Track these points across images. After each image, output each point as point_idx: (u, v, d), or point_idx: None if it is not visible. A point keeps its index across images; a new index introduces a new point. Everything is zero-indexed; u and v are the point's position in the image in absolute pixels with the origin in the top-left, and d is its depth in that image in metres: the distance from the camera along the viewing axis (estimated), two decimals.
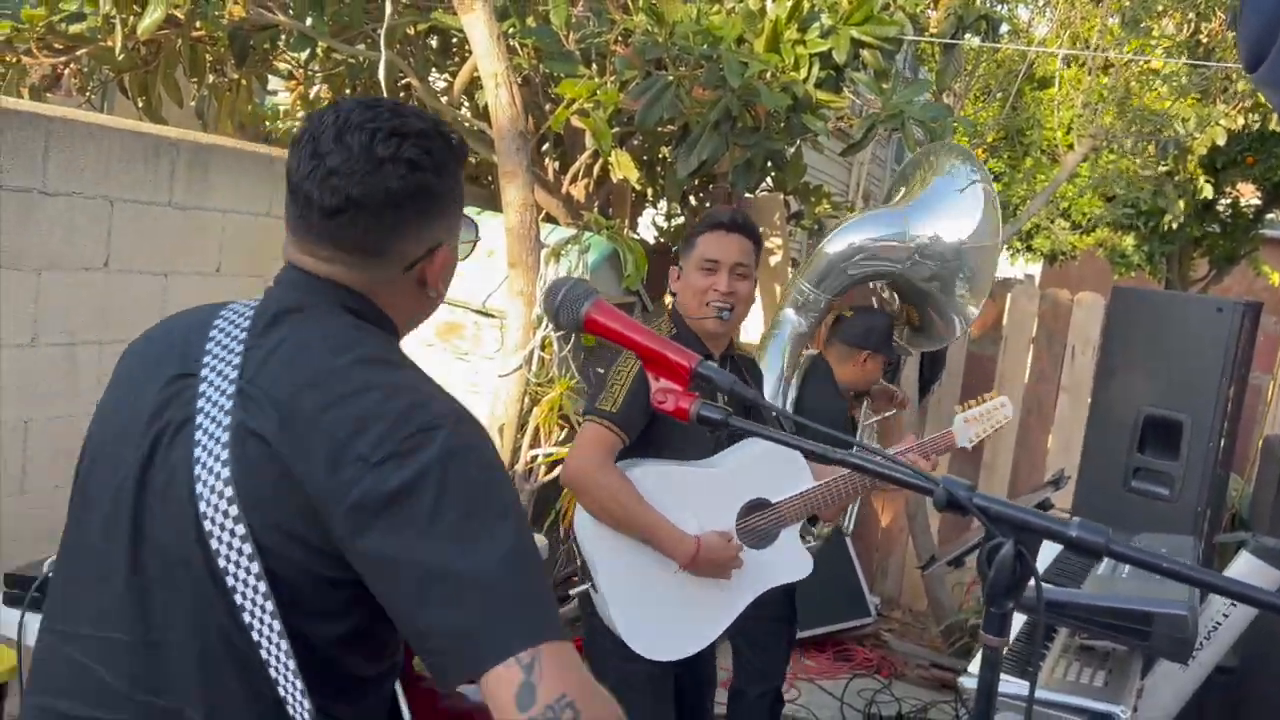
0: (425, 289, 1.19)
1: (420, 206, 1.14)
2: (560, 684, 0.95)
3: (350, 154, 1.10)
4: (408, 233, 1.14)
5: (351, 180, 1.10)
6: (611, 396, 2.20)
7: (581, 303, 1.16)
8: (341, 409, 1.04)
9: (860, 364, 3.26)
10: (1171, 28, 5.20)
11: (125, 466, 1.13)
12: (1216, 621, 2.41)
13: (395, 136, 1.11)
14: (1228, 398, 3.22)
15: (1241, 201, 8.59)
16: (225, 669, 1.06)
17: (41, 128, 2.88)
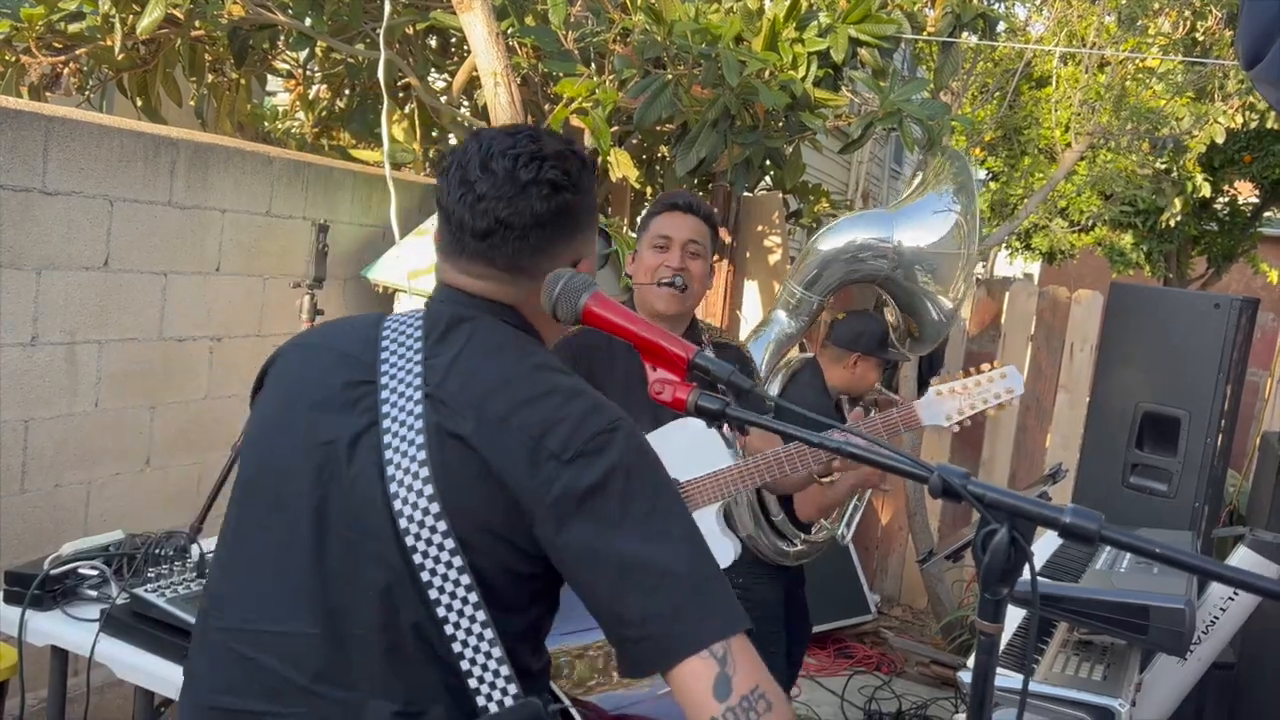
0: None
1: (563, 224, 1.22)
2: (754, 676, 1.00)
3: (496, 179, 1.20)
4: (553, 250, 1.23)
5: (500, 204, 1.19)
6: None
7: (580, 294, 1.16)
8: (530, 410, 1.11)
9: (850, 367, 3.22)
10: (1168, 26, 5.21)
11: (302, 468, 1.17)
12: (1214, 616, 2.42)
13: (536, 160, 1.20)
14: (1225, 394, 3.23)
15: (1239, 200, 8.60)
16: (416, 661, 1.11)
17: (41, 127, 2.89)
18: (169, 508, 3.38)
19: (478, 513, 1.09)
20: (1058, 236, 7.39)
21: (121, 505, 3.25)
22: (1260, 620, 2.53)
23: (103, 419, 3.16)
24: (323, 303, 3.26)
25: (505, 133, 1.23)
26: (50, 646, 2.09)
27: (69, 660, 2.17)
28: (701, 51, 3.47)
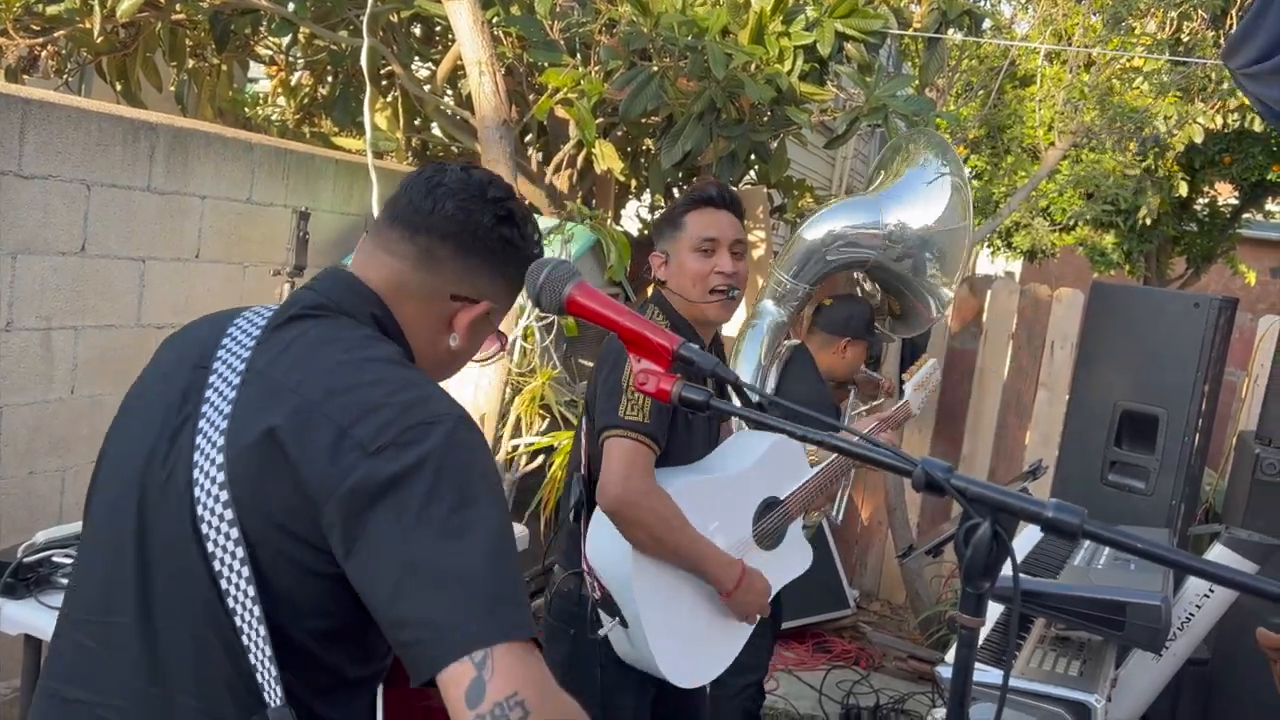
0: (450, 330, 1.24)
1: (490, 255, 1.24)
2: (512, 682, 0.94)
3: (467, 182, 1.24)
4: (473, 265, 1.23)
5: (454, 198, 1.22)
6: (636, 404, 1.94)
7: (564, 284, 1.15)
8: (349, 397, 1.06)
9: (840, 351, 3.24)
10: (1153, 26, 5.25)
11: (135, 458, 1.15)
12: (1189, 613, 2.44)
13: (508, 194, 1.25)
14: (1203, 393, 3.26)
15: (1219, 201, 8.68)
16: (215, 655, 1.07)
17: (18, 109, 2.84)
18: None
19: (266, 503, 1.05)
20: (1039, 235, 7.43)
21: None
22: (1234, 617, 2.56)
23: (79, 406, 3.12)
24: None
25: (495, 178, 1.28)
26: (23, 635, 2.07)
27: (43, 649, 2.14)
28: (688, 44, 3.46)
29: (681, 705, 2.24)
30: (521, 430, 3.57)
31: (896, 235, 3.48)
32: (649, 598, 1.98)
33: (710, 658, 2.12)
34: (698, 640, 2.09)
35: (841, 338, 3.24)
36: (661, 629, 2.00)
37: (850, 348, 3.24)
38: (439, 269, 1.22)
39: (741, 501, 2.18)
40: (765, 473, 2.21)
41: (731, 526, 2.13)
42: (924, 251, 3.49)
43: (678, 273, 2.16)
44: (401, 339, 1.21)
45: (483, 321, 1.26)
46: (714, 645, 2.14)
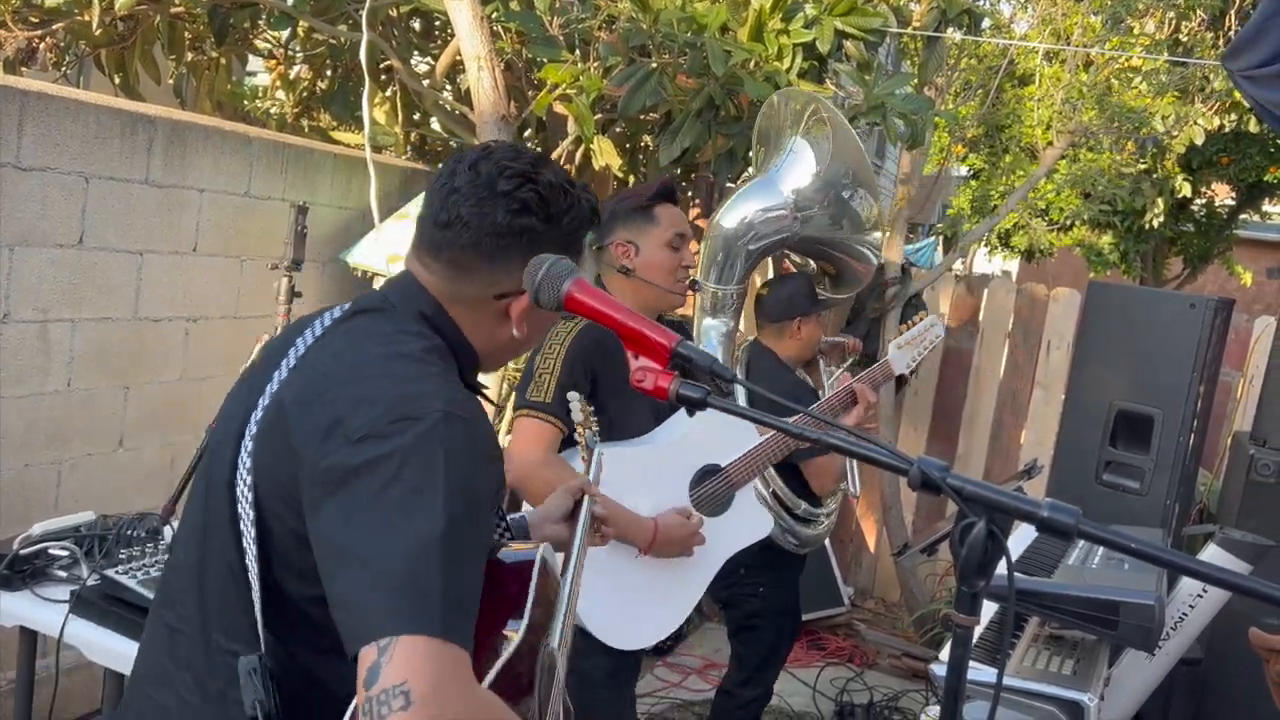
0: (508, 323, 1.28)
1: (519, 245, 1.24)
2: (403, 672, 0.94)
3: (476, 179, 1.24)
4: (502, 264, 1.25)
5: (468, 201, 1.23)
6: (541, 386, 2.10)
7: (563, 280, 1.16)
8: (351, 388, 1.12)
9: (795, 334, 3.14)
10: (1152, 26, 5.25)
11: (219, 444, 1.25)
12: (1183, 613, 2.45)
13: (519, 178, 1.23)
14: (1199, 394, 3.27)
15: (1216, 201, 8.70)
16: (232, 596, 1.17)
17: (16, 101, 2.84)
18: (141, 489, 3.35)
19: (271, 465, 1.14)
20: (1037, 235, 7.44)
21: (93, 486, 3.21)
22: (1227, 617, 2.57)
23: (75, 399, 3.12)
24: (301, 286, 3.23)
25: (514, 150, 1.27)
26: (19, 627, 2.07)
27: (38, 642, 2.14)
28: (687, 40, 3.45)
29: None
30: None
31: (801, 202, 3.38)
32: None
33: (648, 619, 2.23)
34: (628, 602, 2.19)
35: (790, 320, 3.13)
36: (588, 592, 2.08)
37: (803, 325, 3.14)
38: (472, 277, 1.26)
39: (676, 469, 2.29)
40: (706, 440, 2.32)
41: (662, 495, 2.23)
42: (831, 201, 3.35)
43: (648, 264, 2.27)
44: (458, 334, 1.27)
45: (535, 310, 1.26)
46: (652, 607, 2.24)
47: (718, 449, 2.36)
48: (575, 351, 2.13)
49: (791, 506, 3.00)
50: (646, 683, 3.98)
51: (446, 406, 1.10)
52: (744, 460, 2.39)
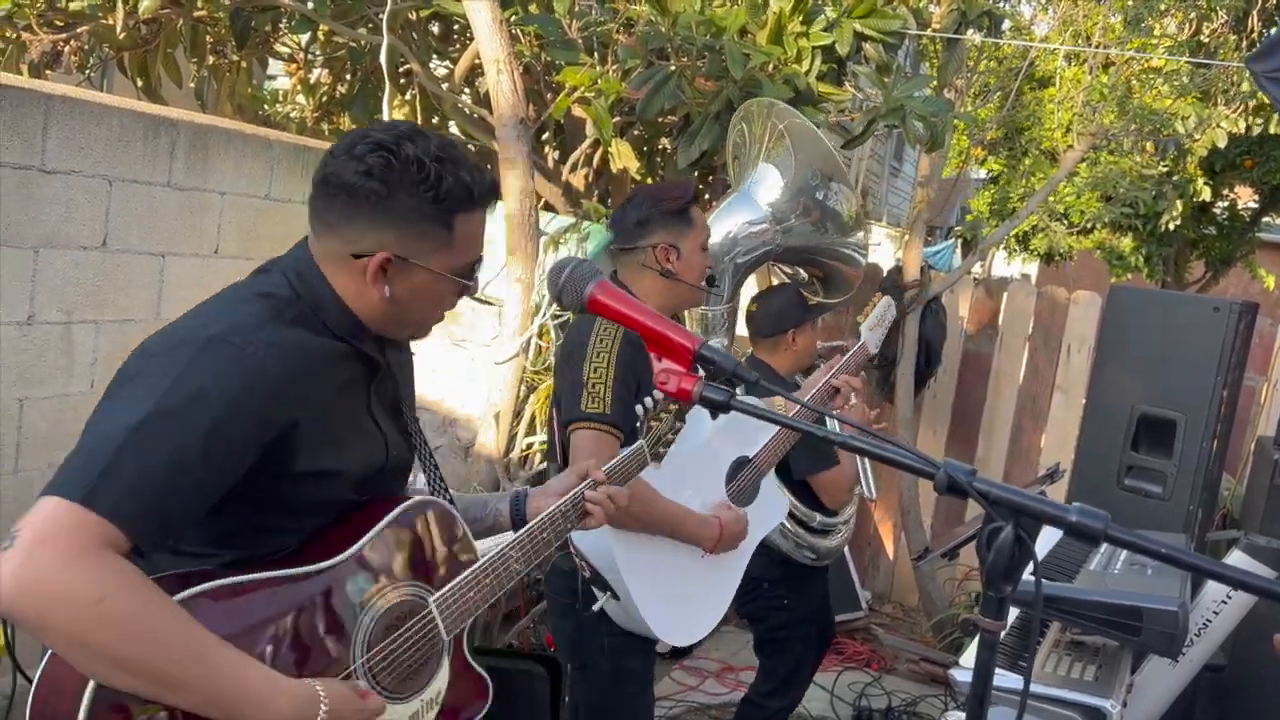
0: (373, 285, 1.34)
1: (366, 207, 1.31)
2: (27, 520, 1.06)
3: (342, 144, 1.34)
4: (354, 224, 1.32)
5: (331, 163, 1.33)
6: (597, 397, 2.08)
7: (586, 283, 1.16)
8: (180, 320, 1.29)
9: (790, 345, 3.07)
10: (1173, 27, 5.21)
11: None
12: (1206, 619, 2.43)
13: (379, 147, 1.30)
14: (1222, 398, 3.23)
15: (1239, 204, 8.61)
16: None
17: (41, 105, 2.87)
18: None
19: None
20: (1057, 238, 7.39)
21: None
22: (1251, 624, 2.54)
23: (98, 399, 3.14)
24: None
25: (400, 125, 1.36)
26: None
27: None
28: (706, 43, 3.45)
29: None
30: (536, 428, 3.57)
31: (778, 214, 3.34)
32: (634, 570, 2.11)
33: (701, 614, 2.27)
34: (686, 600, 2.23)
35: (784, 333, 3.06)
36: (650, 597, 2.13)
37: (797, 336, 3.07)
38: (331, 236, 1.35)
39: (712, 467, 2.32)
40: (731, 435, 2.35)
41: (706, 491, 2.27)
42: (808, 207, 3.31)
43: (687, 266, 2.27)
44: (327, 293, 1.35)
45: (402, 272, 1.33)
46: (703, 601, 2.28)
47: (746, 439, 2.40)
48: (624, 358, 2.10)
49: (806, 520, 3.00)
50: (664, 686, 3.97)
51: (221, 333, 1.23)
52: (769, 447, 2.43)
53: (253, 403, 1.21)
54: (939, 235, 10.77)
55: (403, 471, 1.50)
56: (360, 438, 1.39)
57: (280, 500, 1.31)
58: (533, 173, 3.56)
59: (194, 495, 1.18)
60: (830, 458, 2.88)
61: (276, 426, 1.25)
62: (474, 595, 1.44)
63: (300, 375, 1.27)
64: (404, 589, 1.39)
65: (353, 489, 1.38)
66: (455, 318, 3.80)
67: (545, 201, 3.94)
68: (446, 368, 3.79)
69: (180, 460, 1.15)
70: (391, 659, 1.37)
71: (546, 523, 1.54)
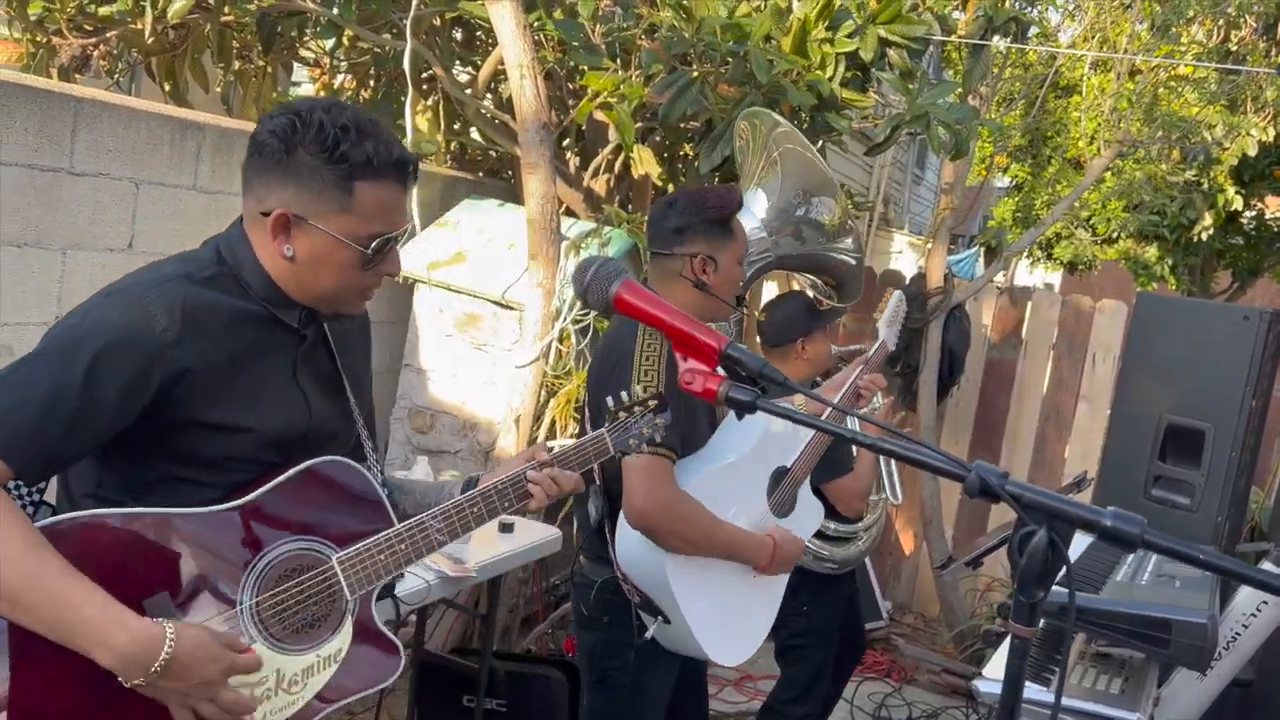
0: (274, 242, 1.41)
1: (270, 164, 1.39)
2: None
3: (270, 113, 1.43)
4: (262, 180, 1.41)
5: (255, 128, 1.43)
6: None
7: (611, 282, 1.15)
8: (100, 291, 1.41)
9: (801, 354, 3.02)
10: (1201, 35, 5.16)
11: None
12: (1235, 632, 2.39)
13: (290, 111, 1.39)
14: (1252, 408, 3.19)
15: (1266, 214, 8.51)
16: None
17: (70, 108, 2.90)
18: None
19: None
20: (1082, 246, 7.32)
21: None
22: None
23: None
24: None
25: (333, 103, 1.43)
26: None
27: None
28: (730, 49, 3.44)
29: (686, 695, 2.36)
30: (556, 433, 3.57)
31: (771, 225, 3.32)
32: (687, 594, 2.06)
33: (750, 632, 2.23)
34: (736, 620, 2.19)
35: (792, 342, 3.02)
36: (702, 619, 2.09)
37: (807, 344, 3.02)
38: (250, 192, 1.43)
39: (754, 480, 2.26)
40: (769, 446, 2.30)
41: (749, 506, 2.22)
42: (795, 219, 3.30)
43: (724, 278, 2.18)
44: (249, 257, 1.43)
45: (300, 230, 1.40)
46: (752, 620, 2.24)
47: (783, 449, 2.34)
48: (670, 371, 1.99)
49: (821, 529, 2.96)
50: None
51: (121, 286, 1.36)
52: (805, 455, 2.37)
53: (138, 345, 1.30)
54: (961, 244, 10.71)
55: (331, 442, 1.54)
56: (276, 400, 1.45)
57: (193, 452, 1.38)
58: (554, 178, 3.56)
59: (74, 426, 1.26)
60: (843, 464, 2.82)
61: (164, 372, 1.32)
62: (384, 559, 1.47)
63: (194, 326, 1.35)
64: (304, 542, 1.43)
65: (270, 449, 1.44)
66: (476, 322, 3.80)
67: (566, 207, 3.94)
68: (467, 372, 3.80)
69: (58, 391, 1.25)
70: (282, 607, 1.40)
71: (478, 497, 1.55)
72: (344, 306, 1.49)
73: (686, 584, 2.06)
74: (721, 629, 2.13)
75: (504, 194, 4.36)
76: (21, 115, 2.77)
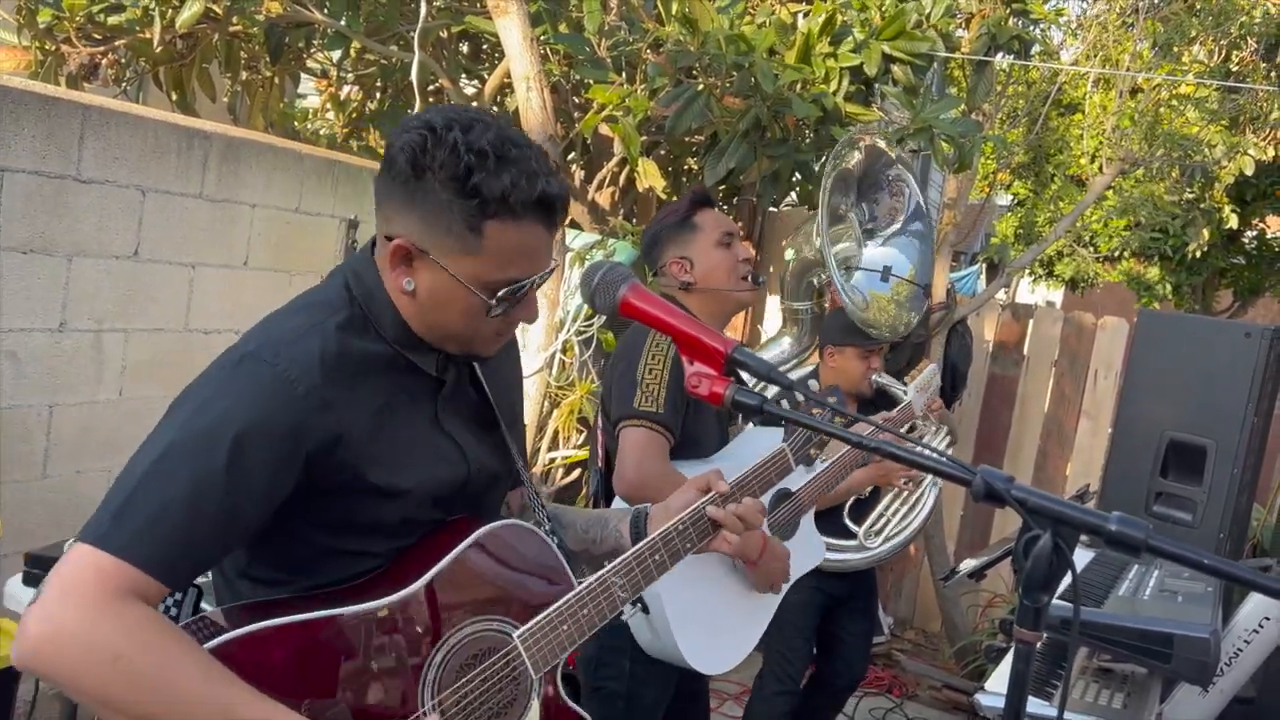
0: (393, 273, 1.25)
1: (398, 187, 1.22)
2: (59, 568, 1.05)
3: (408, 119, 1.24)
4: (390, 202, 1.24)
5: (391, 134, 1.25)
6: (651, 396, 2.03)
7: (618, 286, 1.16)
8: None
9: (828, 360, 3.11)
10: (1203, 55, 5.18)
11: None
12: (1237, 648, 2.38)
13: (425, 125, 1.20)
14: (1253, 425, 3.19)
15: (1268, 234, 8.54)
16: None
17: (78, 115, 2.91)
18: None
19: None
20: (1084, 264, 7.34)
21: None
22: None
23: (126, 407, 3.17)
24: None
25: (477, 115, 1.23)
26: None
27: None
28: (735, 61, 3.46)
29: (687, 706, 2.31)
30: (559, 443, 3.57)
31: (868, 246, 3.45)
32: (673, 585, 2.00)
33: (732, 644, 2.17)
34: (720, 626, 2.14)
35: (823, 345, 3.13)
36: (683, 614, 2.04)
37: (835, 355, 3.09)
38: (379, 210, 1.26)
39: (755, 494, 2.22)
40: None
41: None
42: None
43: (707, 270, 2.22)
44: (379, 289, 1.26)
45: (423, 265, 1.23)
46: (736, 631, 2.19)
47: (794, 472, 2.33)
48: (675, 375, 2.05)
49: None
50: None
51: (252, 351, 1.18)
52: (813, 484, 2.34)
53: (281, 419, 1.14)
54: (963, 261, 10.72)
55: (494, 487, 1.40)
56: (428, 452, 1.28)
57: (348, 521, 1.23)
58: None
59: (225, 524, 1.11)
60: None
61: (313, 442, 1.16)
62: (567, 629, 1.31)
63: (336, 384, 1.18)
64: (483, 623, 1.27)
65: (431, 507, 1.29)
66: None
67: (571, 219, 3.96)
68: None
69: (200, 487, 1.09)
70: (467, 702, 1.25)
71: (659, 543, 1.38)
72: (475, 348, 1.31)
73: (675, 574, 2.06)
74: (701, 633, 2.08)
75: None
76: (29, 122, 2.79)
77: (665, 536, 1.40)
